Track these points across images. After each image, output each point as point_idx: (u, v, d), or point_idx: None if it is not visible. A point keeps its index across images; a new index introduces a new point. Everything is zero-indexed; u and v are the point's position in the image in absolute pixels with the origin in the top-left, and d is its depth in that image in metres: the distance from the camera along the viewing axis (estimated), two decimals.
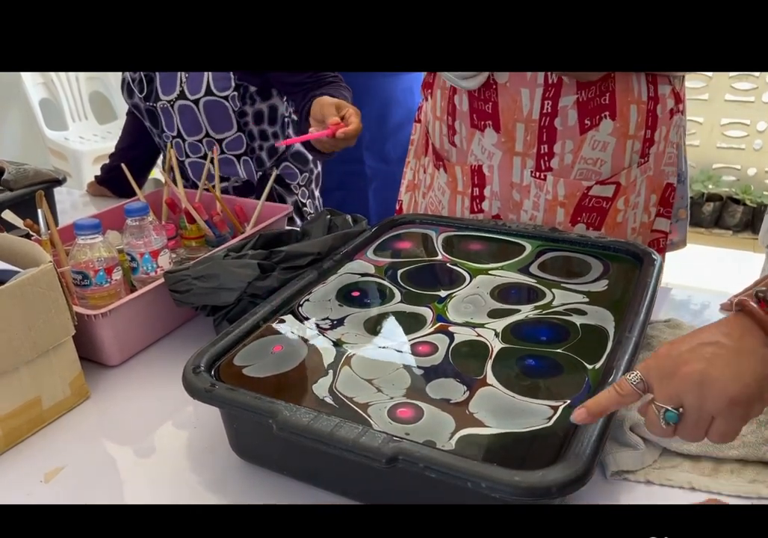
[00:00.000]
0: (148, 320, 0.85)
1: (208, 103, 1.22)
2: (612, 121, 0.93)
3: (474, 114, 0.98)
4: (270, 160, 1.33)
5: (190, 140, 1.27)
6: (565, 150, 0.95)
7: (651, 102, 0.94)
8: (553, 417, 0.57)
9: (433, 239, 0.94)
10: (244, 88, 1.23)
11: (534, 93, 0.92)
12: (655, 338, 0.77)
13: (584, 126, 0.93)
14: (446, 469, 0.50)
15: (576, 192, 0.97)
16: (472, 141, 1.00)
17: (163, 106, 1.24)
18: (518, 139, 0.96)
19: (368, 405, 0.60)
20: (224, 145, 1.27)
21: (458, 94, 0.98)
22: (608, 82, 0.91)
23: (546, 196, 0.98)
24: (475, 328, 0.71)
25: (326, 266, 0.85)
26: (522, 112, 0.93)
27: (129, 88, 1.29)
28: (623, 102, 0.92)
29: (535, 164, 0.97)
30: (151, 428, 0.73)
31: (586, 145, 0.95)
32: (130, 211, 0.87)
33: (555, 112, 0.92)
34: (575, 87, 0.91)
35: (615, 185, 0.97)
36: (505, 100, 0.94)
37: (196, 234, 1.07)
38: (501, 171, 1.00)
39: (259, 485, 0.63)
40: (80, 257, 0.82)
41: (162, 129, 1.29)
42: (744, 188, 2.97)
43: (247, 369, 0.66)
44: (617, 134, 0.94)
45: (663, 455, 0.64)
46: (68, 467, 0.67)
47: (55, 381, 0.72)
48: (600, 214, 0.99)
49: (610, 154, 0.95)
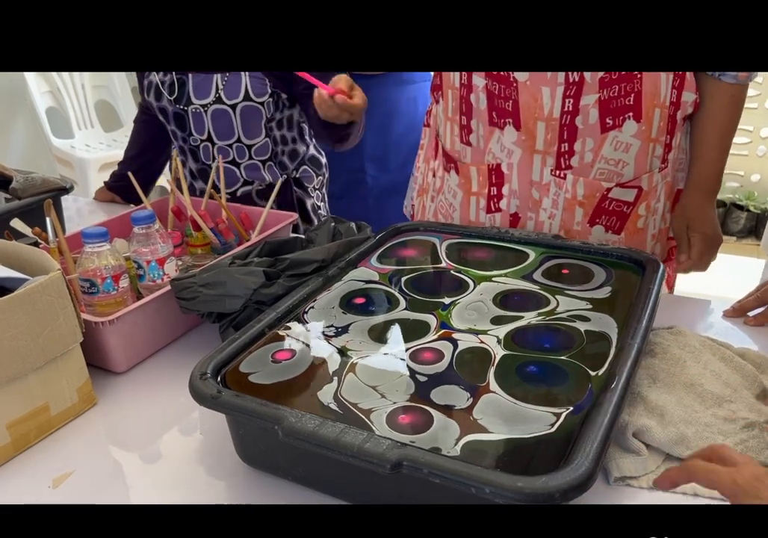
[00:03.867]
0: (155, 327, 0.86)
1: (245, 108, 1.24)
2: (637, 123, 0.93)
3: (493, 111, 0.97)
4: (292, 164, 1.37)
5: (220, 144, 1.29)
6: (585, 148, 0.94)
7: (672, 107, 0.94)
8: (556, 423, 0.58)
9: (437, 247, 0.95)
10: (277, 95, 1.26)
11: (555, 91, 0.91)
12: (658, 344, 0.77)
13: (605, 125, 0.93)
14: (450, 474, 0.50)
15: (596, 193, 0.97)
16: (490, 139, 1.00)
17: (195, 110, 1.26)
18: (539, 137, 0.95)
19: (372, 411, 0.60)
20: (253, 151, 1.30)
21: (474, 92, 0.98)
22: (633, 83, 0.90)
23: (566, 195, 0.98)
24: (478, 335, 0.72)
25: (331, 274, 0.85)
26: (543, 111, 0.93)
27: (158, 91, 1.29)
28: (649, 105, 0.92)
29: (555, 162, 0.97)
30: (157, 434, 0.74)
31: (608, 145, 0.94)
32: (136, 219, 0.88)
33: (576, 110, 0.92)
34: (597, 86, 0.90)
35: (637, 190, 0.97)
36: (525, 98, 0.93)
37: (202, 242, 1.08)
38: (520, 169, 0.99)
39: (264, 491, 0.64)
40: (88, 265, 0.83)
41: (190, 132, 1.30)
42: (748, 194, 2.97)
43: (253, 376, 0.66)
44: (641, 137, 0.94)
45: (666, 460, 0.65)
46: (76, 472, 0.68)
47: (62, 387, 0.73)
48: (620, 218, 0.99)
49: (633, 156, 0.95)
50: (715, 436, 0.65)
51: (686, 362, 0.74)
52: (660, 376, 0.72)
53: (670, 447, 0.64)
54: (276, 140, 1.32)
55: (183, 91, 1.26)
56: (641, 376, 0.72)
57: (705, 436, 0.65)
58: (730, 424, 0.66)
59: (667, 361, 0.74)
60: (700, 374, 0.72)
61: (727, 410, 0.68)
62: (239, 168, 1.31)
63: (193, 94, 1.25)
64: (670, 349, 0.76)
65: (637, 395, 0.70)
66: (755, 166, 2.96)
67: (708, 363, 0.74)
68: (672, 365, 0.73)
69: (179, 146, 1.37)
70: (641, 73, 0.90)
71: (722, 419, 0.67)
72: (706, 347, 0.77)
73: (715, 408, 0.68)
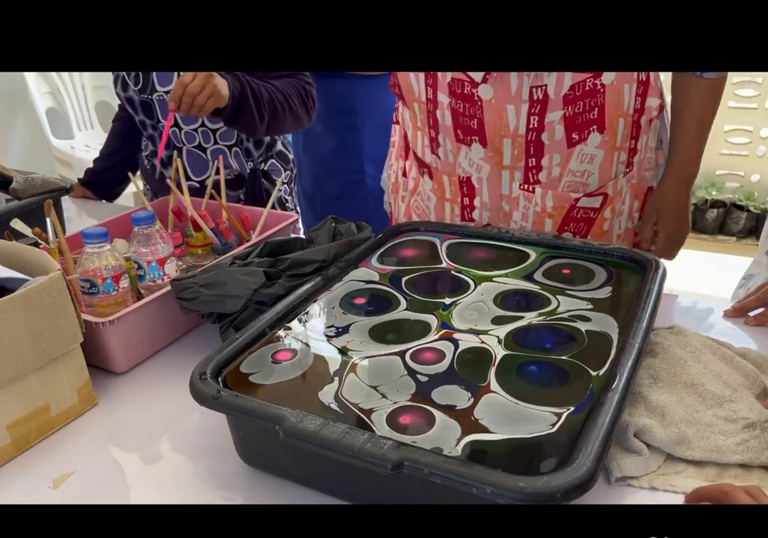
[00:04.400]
0: (155, 327, 0.86)
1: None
2: (600, 134, 0.94)
3: (459, 129, 0.97)
4: (257, 151, 1.40)
5: (186, 129, 1.33)
6: (552, 163, 0.96)
7: (636, 114, 0.96)
8: (557, 424, 0.58)
9: (438, 247, 0.94)
10: None
11: (520, 109, 0.91)
12: (659, 344, 0.77)
13: (572, 140, 0.94)
14: (451, 475, 0.50)
15: (564, 204, 0.98)
16: (458, 154, 1.00)
17: (160, 98, 1.29)
18: (506, 154, 0.96)
19: (373, 411, 0.60)
20: (218, 136, 1.34)
21: (440, 109, 0.97)
22: (597, 97, 0.91)
23: (535, 208, 0.99)
24: (479, 335, 0.72)
25: (331, 274, 0.85)
26: (509, 128, 0.93)
27: (124, 82, 1.34)
28: (613, 116, 0.93)
29: (523, 177, 0.98)
30: (157, 434, 0.73)
31: (574, 159, 0.95)
32: (137, 219, 0.88)
33: (542, 127, 0.92)
34: (561, 103, 0.91)
35: (602, 196, 0.98)
36: (490, 116, 0.93)
37: (202, 242, 1.08)
38: (490, 183, 1.00)
39: (265, 492, 0.64)
40: (88, 265, 0.82)
41: (158, 119, 1.34)
42: (747, 195, 2.97)
43: (254, 376, 0.66)
44: (605, 147, 0.95)
45: (667, 460, 0.65)
46: (76, 472, 0.68)
47: (63, 388, 0.73)
48: (587, 223, 1.01)
49: (597, 166, 0.96)
50: (716, 436, 0.65)
51: (687, 361, 0.74)
52: (661, 376, 0.72)
53: (671, 447, 0.64)
54: None
55: (147, 80, 1.29)
56: (642, 376, 0.72)
57: (706, 436, 0.65)
58: (731, 424, 0.66)
59: (667, 361, 0.74)
60: (701, 373, 0.72)
61: (727, 410, 0.68)
62: (206, 153, 1.35)
63: (157, 82, 1.28)
64: (671, 349, 0.76)
65: (638, 394, 0.70)
66: (755, 167, 2.96)
67: (709, 363, 0.74)
68: (673, 364, 0.73)
69: (149, 135, 1.40)
70: (604, 87, 0.91)
71: (723, 419, 0.67)
72: (706, 347, 0.77)
73: (716, 408, 0.68)
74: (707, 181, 3.00)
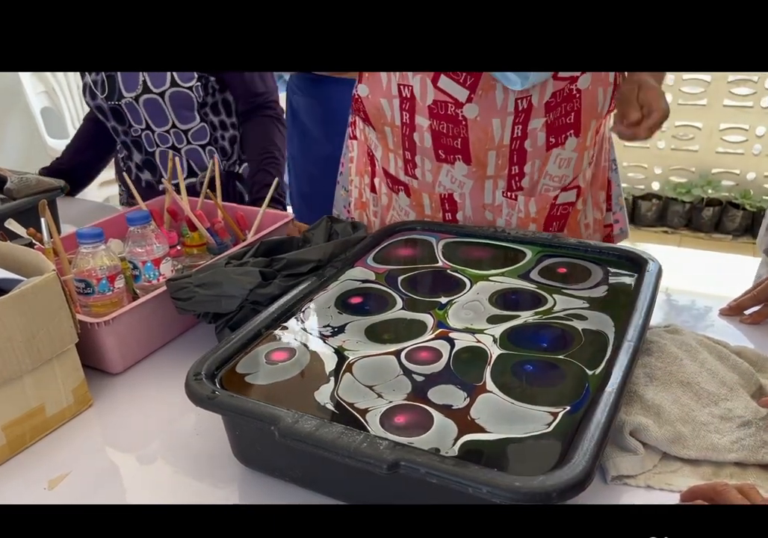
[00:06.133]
0: (151, 327, 0.85)
1: (173, 94, 1.29)
2: (576, 138, 0.95)
3: (440, 150, 0.96)
4: (232, 149, 1.42)
5: (158, 131, 1.34)
6: (534, 168, 0.96)
7: (607, 115, 0.97)
8: (553, 423, 0.58)
9: (434, 246, 0.94)
10: (205, 78, 1.30)
11: (505, 121, 0.91)
12: (655, 343, 0.77)
13: (549, 144, 0.94)
14: (447, 475, 0.50)
15: (546, 205, 0.99)
16: (439, 173, 0.99)
17: (128, 103, 1.30)
18: (490, 165, 0.96)
19: (368, 411, 0.60)
20: (190, 136, 1.35)
21: (418, 131, 0.96)
22: (573, 102, 0.92)
23: (519, 215, 1.00)
24: (474, 334, 0.72)
25: (327, 273, 0.85)
26: (494, 141, 0.93)
27: (91, 91, 1.35)
28: (587, 119, 0.94)
29: (506, 184, 0.98)
30: (153, 435, 0.73)
31: (551, 163, 0.96)
32: (132, 219, 0.88)
33: (525, 135, 0.93)
34: (543, 110, 0.91)
35: (576, 189, 1.00)
36: (475, 134, 0.93)
37: (198, 242, 1.07)
38: (473, 196, 1.00)
39: (261, 492, 0.64)
40: (83, 266, 0.82)
41: (130, 124, 1.35)
42: (743, 193, 2.98)
43: (249, 377, 0.66)
44: (578, 149, 0.96)
45: (663, 459, 0.65)
46: (72, 473, 0.67)
47: (58, 389, 0.73)
48: (565, 218, 1.02)
49: (572, 168, 0.98)
50: (712, 434, 0.65)
51: (683, 360, 0.74)
52: (657, 374, 0.72)
53: (667, 446, 0.64)
54: (214, 125, 1.38)
55: (113, 87, 1.30)
56: (638, 374, 0.72)
57: (701, 434, 0.65)
58: (727, 422, 0.66)
59: (663, 359, 0.74)
60: (697, 372, 0.72)
61: (723, 409, 0.68)
62: (180, 153, 1.36)
63: (123, 88, 1.30)
64: (667, 347, 0.76)
65: (633, 393, 0.70)
66: (751, 165, 2.97)
67: (704, 361, 0.74)
68: (669, 363, 0.73)
69: (122, 141, 1.41)
70: (580, 92, 0.92)
71: (719, 417, 0.67)
72: (702, 346, 0.77)
73: (711, 406, 0.68)
74: (703, 180, 3.00)
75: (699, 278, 2.37)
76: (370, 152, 1.09)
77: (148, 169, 1.42)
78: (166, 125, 1.33)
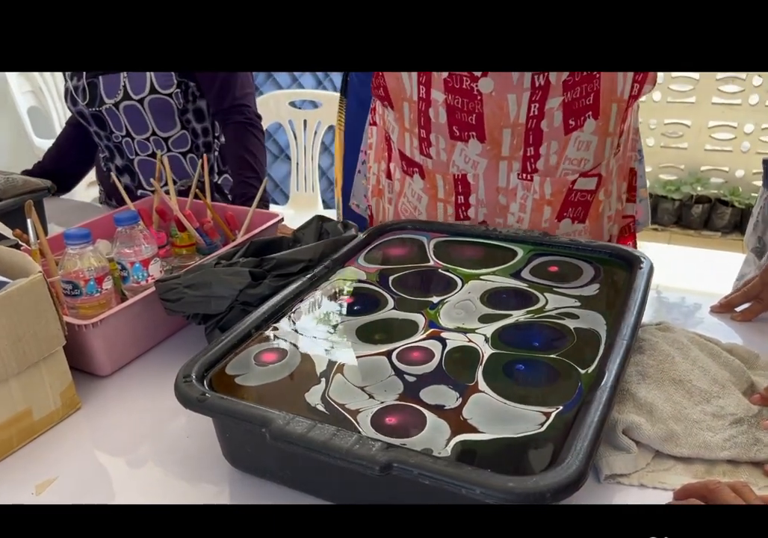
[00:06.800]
0: (140, 329, 0.85)
1: (153, 101, 1.28)
2: (595, 120, 0.93)
3: (454, 126, 0.95)
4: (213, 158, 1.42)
5: (138, 139, 1.33)
6: (550, 151, 0.94)
7: (632, 99, 0.95)
8: (546, 423, 0.57)
9: (425, 245, 0.94)
10: (185, 85, 1.30)
11: (521, 97, 0.91)
12: (647, 341, 0.77)
13: (569, 126, 0.93)
14: (440, 476, 0.50)
15: (562, 188, 0.97)
16: (453, 152, 0.98)
17: (108, 109, 1.30)
18: (504, 144, 0.95)
19: (359, 412, 0.60)
20: (170, 143, 1.35)
21: (433, 106, 0.96)
22: (593, 83, 0.91)
23: (534, 196, 0.98)
24: (466, 333, 0.71)
25: (318, 273, 0.84)
26: (509, 118, 0.92)
27: (72, 97, 1.34)
28: (607, 101, 0.92)
29: (521, 166, 0.96)
30: (143, 438, 0.72)
31: (571, 146, 0.94)
32: (119, 220, 0.87)
33: (542, 114, 0.91)
34: (561, 88, 0.90)
35: (597, 177, 0.98)
36: (490, 109, 0.92)
37: (187, 242, 1.06)
38: (486, 177, 0.99)
39: (253, 494, 0.63)
40: (70, 267, 0.81)
41: (111, 130, 1.34)
42: (732, 190, 3.00)
43: (240, 378, 0.65)
44: (599, 132, 0.94)
45: (656, 457, 0.65)
46: (60, 478, 0.66)
47: (45, 392, 0.72)
48: (584, 207, 1.00)
49: (592, 152, 0.96)
50: (704, 432, 0.65)
51: (675, 358, 0.74)
52: (649, 372, 0.72)
53: (660, 444, 0.64)
54: (196, 133, 1.37)
55: (95, 93, 1.30)
56: (630, 373, 0.72)
57: (694, 432, 0.65)
58: (719, 420, 0.66)
59: (655, 357, 0.74)
60: (689, 370, 0.72)
61: (715, 406, 0.68)
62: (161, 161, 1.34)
63: (104, 95, 1.29)
64: (659, 345, 0.76)
65: (626, 392, 0.70)
66: (739, 162, 2.99)
67: (696, 359, 0.74)
68: (661, 361, 0.73)
69: (104, 146, 1.41)
70: (599, 73, 0.91)
71: (711, 415, 0.67)
72: (694, 343, 0.77)
73: (703, 404, 0.68)
74: (692, 177, 3.02)
75: (689, 275, 2.37)
76: (388, 136, 1.09)
77: (128, 173, 1.41)
78: (146, 133, 1.33)
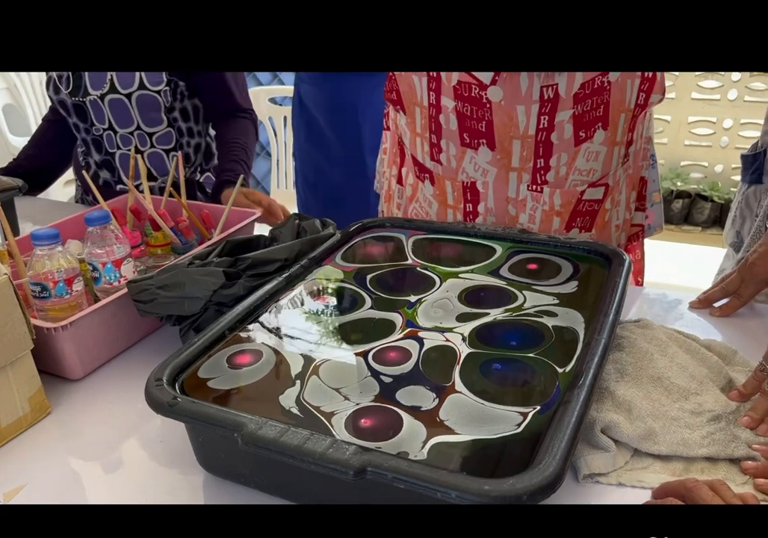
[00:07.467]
0: (112, 331, 0.83)
1: (141, 97, 1.27)
2: (604, 131, 0.93)
3: (465, 133, 0.95)
4: (196, 156, 1.41)
5: (121, 132, 1.31)
6: (560, 163, 0.94)
7: (638, 109, 0.95)
8: (523, 423, 0.57)
9: (403, 243, 0.93)
10: (174, 83, 1.28)
11: (530, 109, 0.90)
12: (626, 338, 0.77)
13: (579, 138, 0.93)
14: (415, 480, 0.49)
15: (572, 199, 0.97)
16: (463, 159, 0.97)
17: (92, 100, 1.27)
18: (514, 155, 0.94)
19: (334, 414, 0.58)
20: (154, 139, 1.33)
21: (444, 113, 0.95)
22: (603, 95, 0.90)
23: (543, 207, 0.98)
24: (443, 332, 0.71)
25: (294, 272, 0.83)
26: (518, 129, 0.91)
27: (55, 85, 1.31)
28: (616, 112, 0.92)
29: (531, 178, 0.96)
30: (115, 443, 0.71)
31: (581, 157, 0.94)
32: (90, 219, 0.85)
33: (552, 126, 0.91)
34: (572, 101, 0.90)
35: (604, 187, 0.98)
36: (500, 118, 0.91)
37: (162, 242, 1.04)
38: (496, 187, 0.98)
39: (227, 499, 0.62)
40: (39, 268, 0.79)
41: (91, 122, 1.32)
42: (712, 185, 3.02)
43: (213, 381, 0.64)
44: (607, 142, 0.94)
45: (634, 456, 0.64)
46: (29, 485, 0.65)
47: (13, 397, 0.70)
48: (591, 216, 1.00)
49: (601, 162, 0.96)
50: (682, 430, 0.64)
51: (653, 355, 0.73)
52: (628, 370, 0.72)
53: (638, 442, 0.63)
54: (182, 131, 1.36)
55: (79, 83, 1.27)
56: (609, 370, 0.72)
57: (672, 430, 0.64)
58: (697, 417, 0.66)
59: (634, 355, 0.74)
60: (667, 367, 0.72)
61: (693, 403, 0.68)
62: (143, 156, 1.33)
63: (89, 85, 1.27)
64: (638, 342, 0.75)
65: (604, 389, 0.69)
66: (718, 157, 3.01)
67: (674, 356, 0.74)
68: (639, 358, 0.73)
69: (82, 139, 1.38)
70: (609, 84, 0.90)
71: (689, 412, 0.67)
72: (672, 340, 0.77)
73: (681, 401, 0.68)
74: (672, 173, 3.04)
75: (669, 270, 2.39)
76: (401, 141, 1.08)
77: (107, 168, 1.39)
78: (130, 126, 1.30)
